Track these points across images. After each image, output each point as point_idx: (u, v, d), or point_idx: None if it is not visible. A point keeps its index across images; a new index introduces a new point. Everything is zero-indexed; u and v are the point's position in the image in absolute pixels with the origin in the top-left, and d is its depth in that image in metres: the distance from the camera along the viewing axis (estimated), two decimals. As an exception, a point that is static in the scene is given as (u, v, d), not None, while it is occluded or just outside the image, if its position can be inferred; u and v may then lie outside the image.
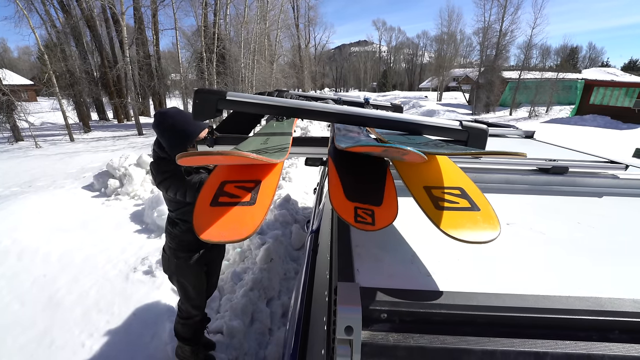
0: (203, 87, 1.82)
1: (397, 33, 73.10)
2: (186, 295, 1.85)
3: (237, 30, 14.30)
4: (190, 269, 1.78)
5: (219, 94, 0.92)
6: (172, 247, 1.76)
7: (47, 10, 12.54)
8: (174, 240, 1.75)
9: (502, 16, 21.14)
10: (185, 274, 1.80)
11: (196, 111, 0.93)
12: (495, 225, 0.58)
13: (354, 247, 0.73)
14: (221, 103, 0.92)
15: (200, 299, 1.91)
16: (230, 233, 0.51)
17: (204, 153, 0.50)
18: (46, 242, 3.25)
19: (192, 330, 1.95)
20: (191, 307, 1.89)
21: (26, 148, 9.91)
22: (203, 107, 0.92)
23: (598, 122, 15.76)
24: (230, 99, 0.92)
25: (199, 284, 1.86)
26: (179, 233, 1.72)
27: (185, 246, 1.74)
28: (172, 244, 1.76)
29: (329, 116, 0.94)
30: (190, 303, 1.88)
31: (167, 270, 1.84)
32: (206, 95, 0.92)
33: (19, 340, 2.21)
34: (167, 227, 1.78)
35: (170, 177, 1.54)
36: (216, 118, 0.99)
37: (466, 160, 1.26)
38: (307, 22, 37.21)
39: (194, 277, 1.82)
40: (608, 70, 28.29)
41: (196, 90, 0.92)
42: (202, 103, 0.92)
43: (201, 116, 0.93)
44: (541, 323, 0.54)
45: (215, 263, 2.02)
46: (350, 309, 0.50)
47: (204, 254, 1.81)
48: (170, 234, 1.76)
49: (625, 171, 1.24)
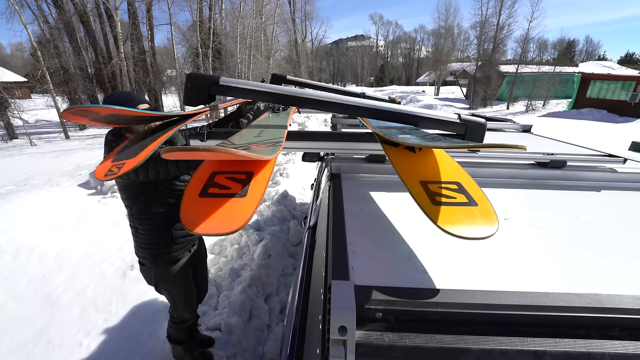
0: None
1: (394, 27, 72.75)
2: (175, 302, 1.77)
3: (233, 25, 14.16)
4: (174, 274, 1.66)
5: (212, 79, 0.89)
6: (147, 257, 1.61)
7: (40, 5, 12.33)
8: (144, 249, 1.60)
9: (499, 10, 21.09)
10: (170, 281, 1.68)
11: (188, 96, 0.89)
12: (493, 220, 0.57)
13: (349, 244, 0.71)
14: (214, 88, 0.89)
15: (191, 304, 1.83)
16: (219, 225, 0.49)
17: (190, 148, 0.48)
18: (42, 240, 3.23)
19: (185, 333, 1.90)
20: (183, 313, 1.82)
21: (21, 146, 9.82)
22: (195, 92, 0.89)
23: (595, 115, 15.80)
24: (224, 84, 0.89)
25: (187, 288, 1.76)
26: (145, 237, 1.58)
27: (161, 250, 1.60)
28: (144, 253, 1.61)
29: (325, 105, 0.92)
30: (181, 309, 1.80)
31: (150, 281, 1.72)
32: (198, 79, 0.89)
33: (17, 339, 2.20)
34: (133, 238, 1.63)
35: None
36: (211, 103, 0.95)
37: (463, 155, 1.25)
38: (304, 16, 36.82)
39: (181, 281, 1.71)
40: (605, 63, 28.31)
41: (188, 75, 0.89)
42: (194, 88, 0.88)
43: (193, 101, 0.90)
44: (540, 321, 0.53)
45: (200, 263, 1.94)
46: (344, 308, 0.49)
47: (184, 255, 1.70)
48: (137, 243, 1.62)
49: (624, 165, 1.23)
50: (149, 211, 1.54)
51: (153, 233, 1.57)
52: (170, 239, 1.61)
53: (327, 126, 11.97)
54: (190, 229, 0.48)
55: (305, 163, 4.57)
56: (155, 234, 1.58)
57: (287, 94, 0.92)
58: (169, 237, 1.60)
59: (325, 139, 1.12)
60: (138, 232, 1.59)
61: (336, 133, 1.16)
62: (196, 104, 0.92)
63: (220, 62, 13.67)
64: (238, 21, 13.60)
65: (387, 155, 0.83)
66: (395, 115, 0.92)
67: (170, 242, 1.61)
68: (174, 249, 1.63)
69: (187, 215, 0.50)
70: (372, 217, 0.86)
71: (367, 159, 1.20)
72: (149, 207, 1.53)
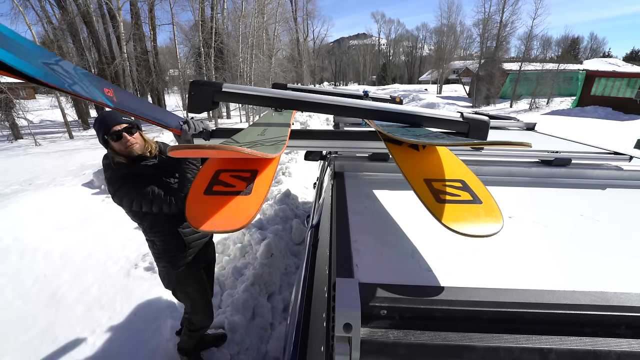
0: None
1: (397, 25, 72.42)
2: (194, 304, 1.78)
3: (235, 25, 14.16)
4: (191, 275, 1.71)
5: (215, 86, 0.90)
6: (165, 264, 1.66)
7: (43, 6, 12.41)
8: (162, 258, 1.65)
9: (502, 7, 20.92)
10: (188, 282, 1.72)
11: (191, 103, 0.90)
12: (498, 218, 0.56)
13: (353, 242, 0.71)
14: (217, 95, 0.90)
15: (208, 306, 1.84)
16: (224, 223, 0.49)
17: (196, 146, 0.48)
18: (47, 239, 3.25)
19: (196, 341, 1.92)
20: (202, 318, 1.83)
21: (26, 146, 9.90)
22: (198, 99, 0.90)
23: (599, 113, 15.66)
24: (227, 90, 0.90)
25: (203, 289, 1.79)
26: (162, 249, 1.62)
27: (176, 256, 1.64)
28: (163, 262, 1.66)
29: (328, 108, 0.92)
30: (199, 312, 1.81)
31: (169, 285, 1.75)
32: (202, 87, 0.90)
33: (23, 337, 2.22)
34: (150, 249, 1.68)
35: (121, 186, 1.42)
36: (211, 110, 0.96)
37: (467, 153, 1.24)
38: (306, 15, 36.82)
39: (197, 283, 1.75)
40: (610, 60, 28.05)
41: (191, 82, 0.90)
42: (197, 95, 0.90)
43: (196, 109, 0.91)
44: (545, 319, 0.53)
45: (210, 267, 1.96)
46: (348, 305, 0.49)
47: (199, 256, 1.73)
48: (154, 254, 1.67)
49: (630, 162, 1.22)
50: (160, 223, 1.57)
51: (168, 240, 1.60)
52: (183, 244, 1.63)
53: (329, 125, 11.96)
54: (196, 226, 0.48)
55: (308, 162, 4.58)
56: (170, 242, 1.61)
57: (289, 98, 0.92)
58: (182, 243, 1.63)
59: (329, 137, 1.12)
60: (155, 244, 1.62)
61: (339, 131, 1.16)
62: (201, 110, 0.93)
63: (223, 61, 13.68)
64: (240, 20, 13.60)
65: (390, 153, 0.82)
66: (398, 116, 0.92)
67: (184, 247, 1.64)
68: (188, 253, 1.67)
69: (192, 213, 0.50)
70: (375, 215, 0.86)
71: (370, 157, 1.19)
72: (159, 220, 1.55)
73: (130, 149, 1.42)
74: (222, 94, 0.90)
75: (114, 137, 1.37)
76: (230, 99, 0.92)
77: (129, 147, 1.41)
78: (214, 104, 0.92)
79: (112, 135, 1.37)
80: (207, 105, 0.91)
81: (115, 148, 1.42)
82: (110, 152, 1.44)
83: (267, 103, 0.94)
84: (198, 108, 0.91)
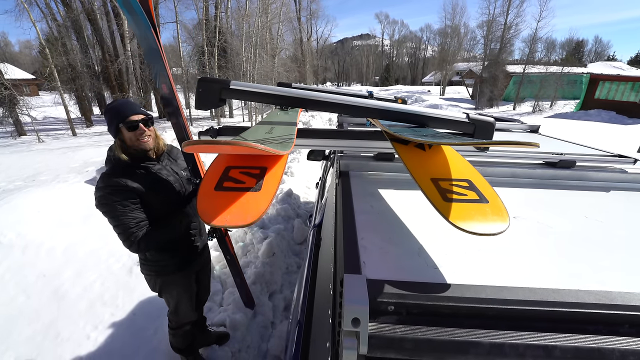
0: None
1: (400, 26, 72.48)
2: (176, 308, 1.74)
3: (239, 24, 14.19)
4: (177, 283, 1.65)
5: (223, 83, 0.91)
6: (153, 270, 1.59)
7: (48, 3, 12.49)
8: (149, 265, 1.58)
9: (507, 9, 20.87)
10: (173, 290, 1.67)
11: (199, 100, 0.91)
12: (505, 217, 0.57)
13: (360, 239, 0.72)
14: (225, 92, 0.91)
15: (191, 310, 1.79)
16: (235, 218, 0.50)
17: (210, 142, 0.49)
18: (50, 235, 3.27)
19: (184, 339, 1.88)
20: (184, 316, 1.79)
21: (29, 142, 9.95)
22: (206, 96, 0.90)
23: (603, 117, 15.59)
24: (234, 88, 0.91)
25: (189, 295, 1.74)
26: (155, 256, 1.55)
27: (166, 261, 1.58)
28: (150, 268, 1.59)
29: (335, 107, 0.93)
30: (182, 314, 1.77)
31: (154, 289, 1.69)
32: (210, 84, 0.91)
33: (26, 332, 2.24)
34: (139, 256, 1.61)
35: (100, 200, 1.35)
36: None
37: (472, 154, 1.24)
38: (309, 15, 36.83)
39: (183, 290, 1.69)
40: (614, 64, 27.98)
41: (200, 79, 0.91)
42: (205, 92, 0.90)
43: (204, 105, 0.92)
44: (550, 316, 0.53)
45: (203, 270, 1.89)
46: (357, 300, 0.49)
47: (190, 263, 1.67)
48: (143, 260, 1.59)
49: (634, 165, 1.22)
50: None
51: (165, 247, 1.54)
52: (169, 255, 1.58)
53: (332, 125, 11.96)
54: (207, 221, 0.49)
55: (310, 162, 4.59)
56: (160, 251, 1.55)
57: (296, 97, 0.93)
58: (171, 249, 1.57)
59: (334, 136, 1.13)
60: (146, 255, 1.56)
61: (345, 131, 1.17)
62: (208, 107, 0.94)
63: (226, 60, 13.71)
64: (244, 20, 13.63)
65: (397, 152, 0.83)
66: (405, 116, 0.93)
67: (174, 252, 1.58)
68: (179, 259, 1.61)
69: (203, 208, 0.51)
70: (381, 213, 0.86)
71: (375, 157, 1.20)
72: None
73: (142, 142, 1.36)
74: (230, 91, 0.91)
75: (130, 126, 1.31)
76: (237, 96, 0.93)
77: (142, 139, 1.35)
78: (222, 101, 0.93)
79: (128, 124, 1.31)
80: (215, 102, 0.92)
81: (126, 138, 1.34)
82: (117, 145, 1.36)
83: (274, 101, 0.95)
84: (205, 105, 0.92)
